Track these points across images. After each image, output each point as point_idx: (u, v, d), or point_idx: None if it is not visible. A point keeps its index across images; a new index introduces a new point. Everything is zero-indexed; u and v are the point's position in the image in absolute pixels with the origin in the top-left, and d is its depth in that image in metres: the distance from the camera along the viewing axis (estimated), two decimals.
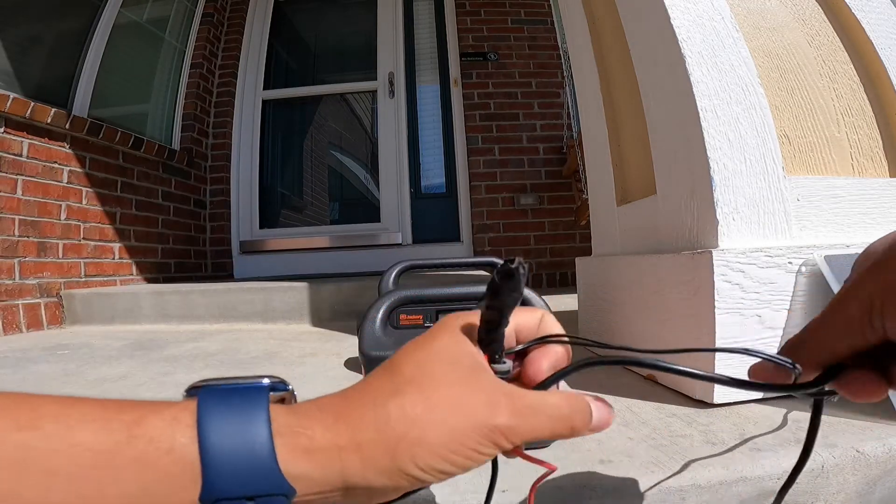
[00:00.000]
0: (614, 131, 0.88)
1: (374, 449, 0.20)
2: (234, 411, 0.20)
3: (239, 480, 0.19)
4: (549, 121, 2.70)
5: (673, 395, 0.60)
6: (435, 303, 0.50)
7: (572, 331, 0.99)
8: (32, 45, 1.86)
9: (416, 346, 0.24)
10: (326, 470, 0.20)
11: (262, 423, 0.20)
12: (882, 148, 0.68)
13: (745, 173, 0.59)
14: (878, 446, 0.43)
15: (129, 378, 0.79)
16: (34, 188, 1.69)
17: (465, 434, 0.21)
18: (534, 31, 2.79)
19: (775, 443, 0.45)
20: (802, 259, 0.56)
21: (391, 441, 0.20)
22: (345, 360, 0.88)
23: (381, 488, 0.21)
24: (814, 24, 0.73)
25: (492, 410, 0.21)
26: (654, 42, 0.68)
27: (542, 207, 2.64)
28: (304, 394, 0.23)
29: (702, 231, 0.60)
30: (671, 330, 0.62)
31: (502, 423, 0.21)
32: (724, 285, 0.54)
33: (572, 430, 0.24)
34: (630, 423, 0.52)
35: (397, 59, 2.86)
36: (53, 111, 1.74)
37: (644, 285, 0.68)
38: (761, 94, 0.62)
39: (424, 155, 2.82)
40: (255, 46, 2.90)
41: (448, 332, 0.24)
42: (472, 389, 0.22)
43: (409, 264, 0.66)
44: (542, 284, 2.57)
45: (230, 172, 2.74)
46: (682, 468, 0.40)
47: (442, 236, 2.72)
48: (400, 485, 0.21)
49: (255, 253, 2.73)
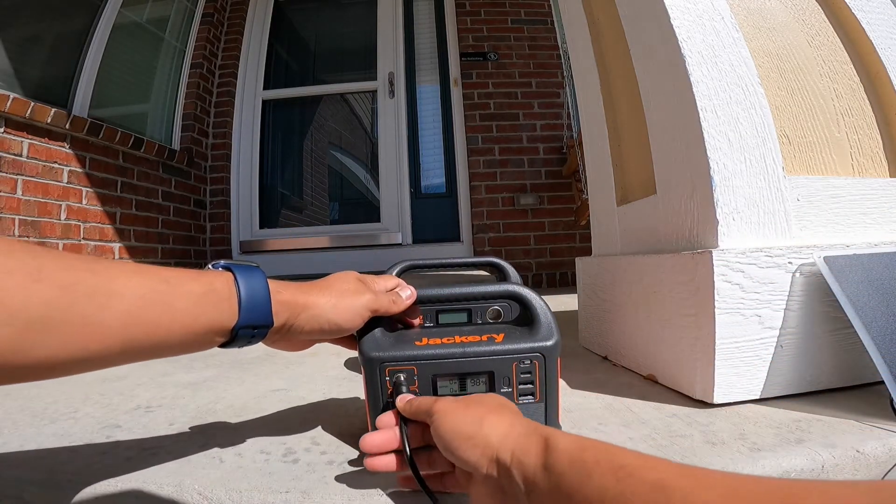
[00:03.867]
0: (614, 131, 0.88)
1: (313, 308, 0.41)
2: (251, 277, 0.37)
3: (253, 315, 0.36)
4: (549, 121, 2.70)
5: (673, 395, 0.60)
6: (435, 303, 0.50)
7: (572, 330, 0.99)
8: (32, 45, 1.86)
9: (329, 276, 0.45)
10: (286, 313, 0.39)
11: (264, 284, 0.38)
12: (882, 148, 0.68)
13: (745, 173, 0.59)
14: (878, 446, 0.43)
15: (129, 378, 0.79)
16: (34, 188, 1.69)
17: (356, 305, 0.43)
18: (534, 31, 2.79)
19: (775, 442, 0.45)
20: (802, 259, 0.56)
21: (323, 306, 0.41)
22: (344, 361, 0.88)
23: (302, 334, 0.41)
24: (814, 25, 0.73)
25: (365, 296, 0.44)
26: (654, 42, 0.68)
27: (542, 207, 2.64)
28: (304, 394, 0.24)
29: (702, 231, 0.60)
30: (671, 330, 0.62)
31: (369, 297, 0.44)
32: (725, 285, 0.54)
33: (394, 303, 0.46)
34: (630, 423, 0.52)
35: (397, 59, 2.86)
36: (53, 111, 1.74)
37: (644, 285, 0.68)
38: (761, 95, 0.62)
39: (424, 155, 2.82)
40: (255, 46, 2.90)
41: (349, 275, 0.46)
42: (358, 292, 0.44)
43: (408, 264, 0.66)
44: (542, 284, 2.57)
45: (230, 172, 2.74)
46: None
47: (442, 236, 2.72)
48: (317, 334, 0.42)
49: (255, 253, 2.73)
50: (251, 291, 0.36)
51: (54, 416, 0.60)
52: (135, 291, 0.30)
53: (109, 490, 0.41)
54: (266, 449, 0.48)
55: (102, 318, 0.28)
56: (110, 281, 0.29)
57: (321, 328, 0.41)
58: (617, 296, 0.78)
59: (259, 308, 0.37)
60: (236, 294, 0.36)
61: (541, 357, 0.44)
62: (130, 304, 0.30)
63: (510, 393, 0.44)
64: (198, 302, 0.33)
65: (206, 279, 0.35)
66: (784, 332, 0.56)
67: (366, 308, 0.43)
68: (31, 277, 0.26)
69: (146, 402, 0.66)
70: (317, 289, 0.42)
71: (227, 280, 0.36)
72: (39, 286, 0.26)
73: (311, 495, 0.39)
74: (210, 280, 0.35)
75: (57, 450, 0.49)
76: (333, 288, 0.43)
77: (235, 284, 0.36)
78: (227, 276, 0.36)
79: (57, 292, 0.26)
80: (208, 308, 0.34)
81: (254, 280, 0.37)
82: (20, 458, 0.47)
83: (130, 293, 0.30)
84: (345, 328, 0.43)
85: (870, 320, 0.51)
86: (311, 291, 0.41)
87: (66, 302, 0.27)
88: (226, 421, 0.58)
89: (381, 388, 0.44)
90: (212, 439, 0.51)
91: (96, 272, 0.29)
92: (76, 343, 0.28)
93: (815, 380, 0.57)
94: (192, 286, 0.33)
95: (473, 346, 0.44)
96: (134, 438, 0.52)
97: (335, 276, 0.45)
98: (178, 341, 0.33)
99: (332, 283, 0.44)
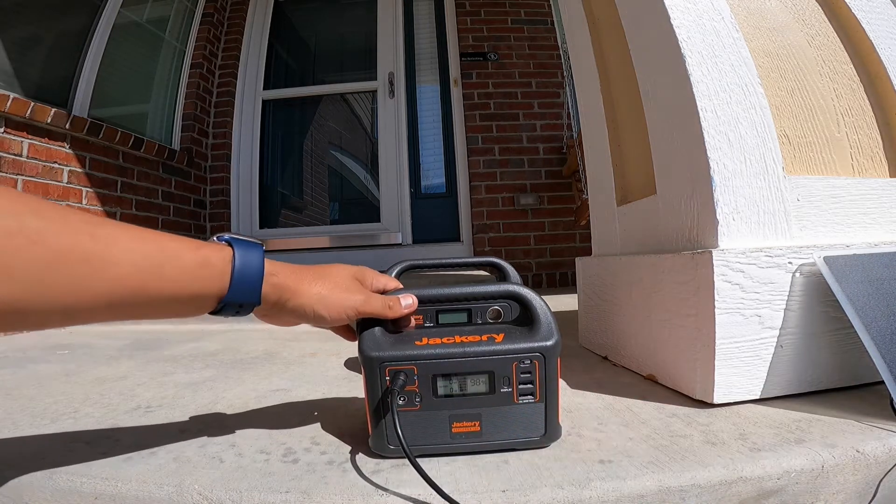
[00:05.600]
0: (614, 131, 0.88)
1: (302, 297, 0.42)
2: (248, 254, 0.39)
3: (242, 293, 0.38)
4: (549, 121, 2.70)
5: (673, 395, 0.60)
6: (435, 303, 0.50)
7: (573, 330, 0.99)
8: (32, 45, 1.86)
9: (329, 265, 0.46)
10: (276, 296, 0.41)
11: (259, 263, 0.39)
12: (882, 148, 0.68)
13: (745, 173, 0.59)
14: (878, 446, 0.43)
15: (130, 378, 0.79)
16: (34, 188, 1.69)
17: (344, 303, 0.44)
18: (534, 31, 2.79)
19: (775, 442, 0.45)
20: (802, 259, 0.56)
21: (311, 297, 0.42)
22: (344, 361, 0.88)
23: (288, 316, 0.43)
24: (814, 25, 0.73)
25: (356, 297, 0.45)
26: (653, 42, 0.68)
27: (542, 207, 2.64)
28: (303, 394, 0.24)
29: (702, 231, 0.60)
30: (671, 330, 0.62)
31: (360, 300, 0.45)
32: (725, 285, 0.54)
33: (390, 309, 0.46)
34: (630, 423, 0.52)
35: (397, 59, 2.86)
36: (53, 111, 1.74)
37: (644, 285, 0.68)
38: (761, 95, 0.62)
39: (424, 155, 2.82)
40: (255, 46, 2.90)
41: (348, 270, 0.47)
42: (351, 291, 0.45)
43: (408, 264, 0.66)
44: (542, 284, 2.57)
45: (230, 172, 2.74)
46: (682, 468, 0.41)
47: (442, 236, 2.72)
48: (301, 320, 0.44)
49: None
50: (245, 269, 0.38)
51: (54, 416, 0.60)
52: (130, 258, 0.33)
53: (109, 490, 0.41)
54: (266, 449, 0.48)
55: (93, 283, 0.31)
56: (108, 247, 0.32)
57: (305, 315, 0.43)
58: (617, 296, 0.78)
59: (249, 287, 0.39)
60: (230, 272, 0.38)
61: (541, 357, 0.44)
62: (123, 271, 0.32)
63: (510, 393, 0.44)
64: (191, 273, 0.36)
65: (204, 252, 0.37)
66: (784, 332, 0.56)
67: (353, 309, 0.44)
68: (29, 240, 0.28)
69: (146, 402, 0.66)
70: (312, 276, 0.43)
71: (224, 256, 0.38)
72: (37, 248, 0.28)
73: (311, 495, 0.39)
74: (207, 254, 0.37)
75: (57, 450, 0.49)
76: (328, 279, 0.44)
77: (232, 261, 0.38)
78: (225, 252, 0.38)
79: (54, 256, 0.29)
80: (199, 281, 0.36)
81: (250, 258, 0.39)
82: (20, 458, 0.47)
83: (126, 260, 0.32)
84: (328, 322, 0.44)
85: (870, 320, 0.51)
86: (304, 278, 0.43)
87: (62, 264, 0.29)
88: (226, 421, 0.58)
89: (380, 388, 0.44)
90: (212, 439, 0.51)
91: (97, 237, 0.31)
92: (66, 301, 0.31)
93: (815, 380, 0.57)
94: (188, 257, 0.36)
95: (473, 345, 0.44)
96: (134, 438, 0.52)
97: (336, 267, 0.46)
98: (164, 306, 0.36)
99: (330, 273, 0.45)
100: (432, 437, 0.44)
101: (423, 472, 0.38)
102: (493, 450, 0.45)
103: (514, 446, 0.45)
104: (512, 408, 0.44)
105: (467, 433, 0.44)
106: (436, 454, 0.45)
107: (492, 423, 0.44)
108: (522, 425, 0.45)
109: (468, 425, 0.44)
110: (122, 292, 0.32)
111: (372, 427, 0.45)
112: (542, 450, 0.46)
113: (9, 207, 0.28)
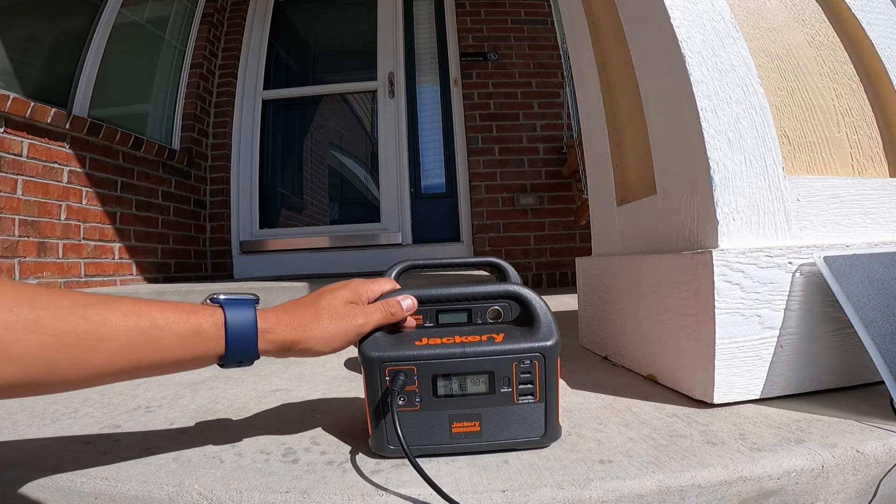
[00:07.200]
0: (614, 131, 0.88)
1: (301, 344, 0.43)
2: (240, 315, 0.41)
3: (239, 353, 0.41)
4: (549, 121, 2.70)
5: (673, 395, 0.60)
6: (435, 303, 0.50)
7: (573, 330, 0.99)
8: (32, 45, 1.86)
9: (321, 295, 0.46)
10: (276, 349, 0.42)
11: (252, 323, 0.41)
12: (882, 148, 0.68)
13: (745, 173, 0.59)
14: (878, 446, 0.43)
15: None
16: (34, 188, 1.69)
17: (347, 334, 0.44)
18: (534, 31, 2.79)
19: (775, 442, 0.45)
20: (802, 259, 0.56)
21: (311, 341, 0.43)
22: (344, 361, 0.88)
23: (298, 356, 0.44)
24: (814, 25, 0.73)
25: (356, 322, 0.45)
26: (654, 42, 0.68)
27: (542, 207, 2.64)
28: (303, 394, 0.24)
29: (702, 231, 0.60)
30: (671, 330, 0.62)
31: (360, 322, 0.45)
32: (725, 285, 0.54)
33: (392, 315, 0.46)
34: (630, 423, 0.52)
35: (397, 59, 2.85)
36: (53, 111, 1.74)
37: (644, 285, 0.68)
38: (761, 95, 0.62)
39: (424, 155, 2.82)
40: (255, 46, 2.90)
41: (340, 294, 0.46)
42: (349, 316, 0.45)
43: (408, 264, 0.66)
44: (542, 284, 2.57)
45: (230, 172, 2.74)
46: (682, 468, 0.40)
47: (442, 236, 2.72)
48: (309, 357, 0.45)
49: (255, 253, 2.73)
50: (238, 332, 0.40)
51: (54, 417, 0.60)
52: (124, 335, 0.35)
53: (109, 490, 0.41)
54: (266, 449, 0.48)
55: (92, 358, 0.34)
56: (100, 327, 0.34)
57: (312, 355, 0.45)
58: (617, 296, 0.78)
59: (245, 347, 0.41)
60: (223, 335, 0.40)
61: (541, 357, 0.44)
62: (119, 346, 0.35)
63: (510, 393, 0.44)
64: (184, 343, 0.38)
65: (195, 319, 0.39)
66: (784, 332, 0.56)
67: (356, 334, 0.45)
68: (27, 329, 0.31)
69: (146, 402, 0.66)
70: (308, 318, 0.43)
71: (216, 321, 0.40)
72: (36, 336, 0.31)
73: (311, 495, 0.39)
74: (199, 321, 0.39)
75: (57, 450, 0.49)
76: (324, 313, 0.44)
77: (224, 325, 0.40)
78: (216, 317, 0.40)
79: (51, 340, 0.32)
80: (195, 348, 0.39)
81: (242, 319, 0.41)
82: (20, 458, 0.47)
83: (120, 337, 0.35)
84: (333, 352, 0.45)
85: (870, 320, 0.51)
86: (300, 324, 0.43)
87: (59, 347, 0.33)
88: (226, 421, 0.58)
89: (380, 388, 0.44)
90: (212, 439, 0.51)
91: (89, 319, 0.34)
92: (72, 375, 0.34)
93: (815, 380, 0.57)
94: (180, 328, 0.38)
95: (473, 346, 0.44)
96: (134, 438, 0.52)
97: (328, 296, 0.46)
98: (166, 369, 0.39)
99: (324, 307, 0.44)
100: (432, 438, 0.44)
101: (423, 473, 0.38)
102: (493, 450, 0.45)
103: (514, 446, 0.45)
104: (512, 408, 0.44)
105: (467, 433, 0.44)
106: (436, 454, 0.45)
107: (492, 424, 0.44)
108: (522, 425, 0.45)
109: (468, 425, 0.44)
110: (121, 364, 0.36)
111: (372, 427, 0.45)
112: (542, 450, 0.46)
113: (4, 301, 0.31)
